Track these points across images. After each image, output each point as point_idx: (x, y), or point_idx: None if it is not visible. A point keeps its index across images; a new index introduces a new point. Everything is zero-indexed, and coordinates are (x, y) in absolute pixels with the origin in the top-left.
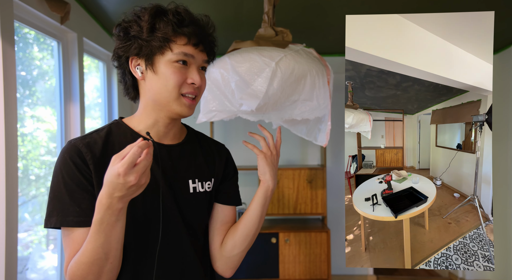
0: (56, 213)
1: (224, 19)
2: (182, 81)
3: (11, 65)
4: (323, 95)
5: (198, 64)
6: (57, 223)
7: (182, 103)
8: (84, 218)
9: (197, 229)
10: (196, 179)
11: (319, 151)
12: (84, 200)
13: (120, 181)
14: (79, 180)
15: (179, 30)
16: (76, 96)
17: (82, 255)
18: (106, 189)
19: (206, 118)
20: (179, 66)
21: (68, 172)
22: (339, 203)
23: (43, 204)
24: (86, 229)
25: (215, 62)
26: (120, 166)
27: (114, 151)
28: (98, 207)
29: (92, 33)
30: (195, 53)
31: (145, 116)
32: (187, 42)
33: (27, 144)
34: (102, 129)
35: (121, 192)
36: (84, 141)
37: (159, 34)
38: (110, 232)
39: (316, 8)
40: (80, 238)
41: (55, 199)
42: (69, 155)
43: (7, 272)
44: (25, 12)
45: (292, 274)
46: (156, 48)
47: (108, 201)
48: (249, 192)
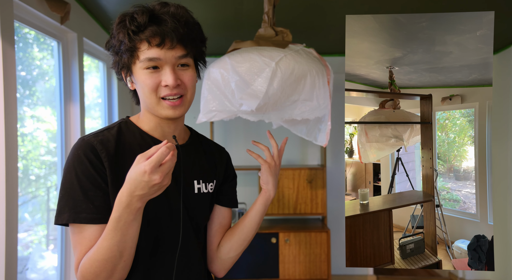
0: (68, 209)
1: (224, 19)
2: (156, 85)
3: (11, 65)
4: (323, 95)
5: (171, 63)
6: (70, 219)
7: (163, 106)
8: (97, 215)
9: (201, 229)
10: (200, 179)
11: (319, 151)
12: (97, 197)
13: (145, 179)
14: (93, 177)
15: (137, 37)
16: (76, 96)
17: (97, 252)
18: (127, 187)
19: (206, 118)
20: (149, 72)
21: (82, 169)
22: (339, 203)
23: (43, 204)
24: (98, 227)
25: (215, 62)
26: (147, 163)
27: (125, 150)
28: (117, 205)
29: (92, 33)
30: (161, 55)
31: (148, 119)
32: (149, 46)
33: (27, 143)
34: (113, 127)
35: (143, 191)
36: (97, 138)
37: (123, 47)
38: (126, 231)
39: (316, 8)
40: (92, 235)
41: (67, 195)
42: (83, 151)
43: (7, 272)
44: (25, 12)
45: (292, 274)
46: (128, 60)
47: (128, 199)
48: (249, 192)
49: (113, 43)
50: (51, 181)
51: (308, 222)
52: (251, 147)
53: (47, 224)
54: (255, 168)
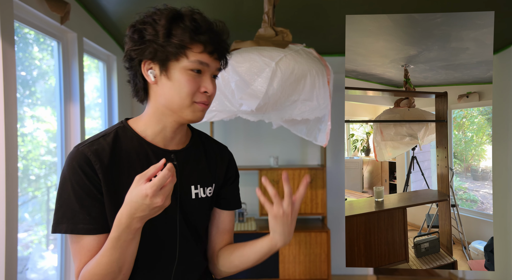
0: (66, 220)
1: (224, 19)
2: (196, 89)
3: (11, 65)
4: (323, 95)
5: (211, 72)
6: (68, 230)
7: (195, 109)
8: (94, 225)
9: (200, 232)
10: (198, 184)
11: (319, 151)
12: (93, 208)
13: (146, 202)
14: (88, 189)
15: (196, 37)
16: (76, 96)
17: (96, 267)
18: (127, 209)
19: (206, 118)
20: (193, 75)
21: (77, 180)
22: (339, 203)
23: (43, 204)
24: (96, 237)
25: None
26: (149, 187)
27: (121, 158)
28: (116, 226)
29: (92, 33)
30: (209, 62)
31: (154, 121)
32: (203, 50)
33: (27, 143)
34: (109, 134)
35: (144, 213)
36: (92, 148)
37: (175, 40)
38: (126, 249)
39: (316, 8)
40: (90, 245)
41: (64, 206)
42: (77, 163)
43: (7, 272)
44: (25, 12)
45: (292, 274)
46: (172, 55)
47: (128, 221)
48: (249, 192)
49: (152, 31)
50: (51, 181)
51: (308, 222)
52: (251, 146)
53: (47, 224)
54: (255, 168)
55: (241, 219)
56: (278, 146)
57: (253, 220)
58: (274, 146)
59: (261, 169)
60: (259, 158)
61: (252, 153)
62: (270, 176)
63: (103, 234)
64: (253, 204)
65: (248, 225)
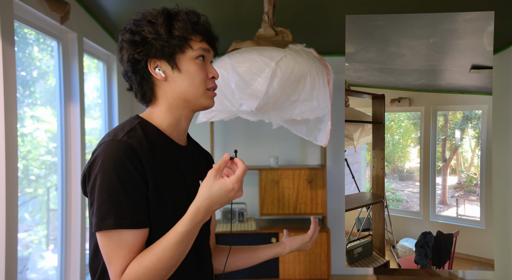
0: (112, 215)
1: (224, 19)
2: (205, 76)
3: (11, 65)
4: (323, 95)
5: (210, 59)
6: (116, 225)
7: (209, 96)
8: (140, 220)
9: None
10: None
11: (319, 151)
12: (141, 201)
13: (231, 195)
14: (136, 181)
15: (195, 28)
16: (76, 96)
17: (157, 262)
18: (206, 202)
19: (206, 118)
20: (201, 62)
21: (125, 172)
22: (339, 203)
23: (43, 204)
24: (140, 231)
25: (215, 62)
26: (235, 181)
27: (155, 152)
28: (190, 219)
29: (92, 33)
30: (209, 48)
31: (168, 116)
32: (202, 39)
33: (27, 143)
34: (135, 127)
35: (222, 205)
36: (133, 140)
37: (178, 33)
38: (191, 242)
39: (316, 8)
40: (135, 240)
41: (110, 200)
42: (125, 154)
43: (7, 272)
44: (25, 12)
45: (292, 274)
46: (177, 47)
47: (204, 214)
48: (249, 192)
49: (152, 31)
50: (51, 181)
51: (308, 222)
52: (251, 146)
53: (47, 224)
54: (255, 168)
55: (241, 219)
56: (278, 146)
57: (253, 220)
58: (274, 146)
59: (261, 169)
60: (259, 158)
61: (252, 153)
62: (270, 176)
63: (146, 229)
64: (253, 204)
65: (248, 225)
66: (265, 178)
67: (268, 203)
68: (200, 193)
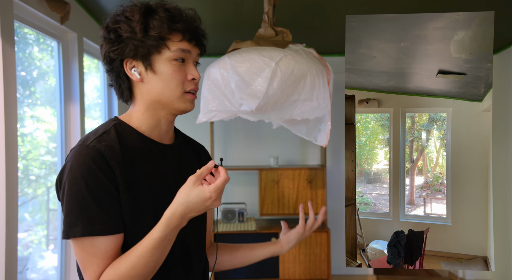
0: (80, 223)
1: (224, 19)
2: (183, 78)
3: (11, 65)
4: (323, 95)
5: (193, 59)
6: (84, 233)
7: (186, 100)
8: (112, 226)
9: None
10: None
11: (319, 151)
12: (112, 207)
13: (207, 204)
14: (106, 187)
15: (173, 26)
16: (76, 96)
17: (132, 269)
18: (182, 209)
19: (206, 118)
20: (178, 64)
21: (93, 179)
22: (339, 203)
23: (43, 204)
24: (113, 237)
25: (215, 62)
26: (213, 190)
27: (130, 155)
28: (165, 225)
29: (92, 33)
30: (190, 48)
31: (147, 117)
32: (182, 38)
33: (27, 143)
34: (109, 130)
35: (198, 212)
36: (103, 144)
37: (153, 33)
38: (167, 248)
39: (316, 8)
40: (108, 247)
41: (78, 208)
42: (92, 160)
43: (7, 272)
44: (25, 12)
45: (292, 274)
46: (153, 48)
47: (179, 220)
48: (249, 192)
49: (128, 28)
50: (51, 181)
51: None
52: (251, 146)
53: (47, 224)
54: (255, 168)
55: (241, 219)
56: (278, 146)
57: (253, 220)
58: (274, 146)
59: (261, 169)
60: (259, 158)
61: (252, 153)
62: (270, 176)
63: (120, 234)
64: (253, 204)
65: (248, 225)
66: (265, 178)
67: (268, 203)
68: (177, 198)
